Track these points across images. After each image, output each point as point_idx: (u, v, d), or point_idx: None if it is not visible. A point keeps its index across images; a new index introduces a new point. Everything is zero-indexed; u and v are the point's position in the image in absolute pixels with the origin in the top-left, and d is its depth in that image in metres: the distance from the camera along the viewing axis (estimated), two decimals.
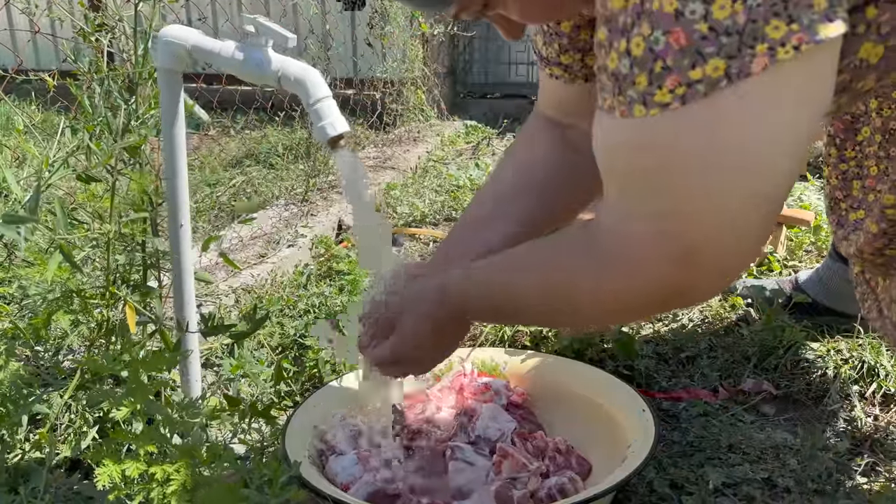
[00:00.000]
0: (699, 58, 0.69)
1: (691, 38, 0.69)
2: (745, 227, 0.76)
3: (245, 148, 3.59)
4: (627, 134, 0.77)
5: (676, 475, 1.30)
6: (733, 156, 0.73)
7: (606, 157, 0.82)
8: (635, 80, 0.73)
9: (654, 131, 0.74)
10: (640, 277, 0.81)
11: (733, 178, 0.73)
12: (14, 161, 1.98)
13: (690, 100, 0.71)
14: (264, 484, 0.97)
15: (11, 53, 2.54)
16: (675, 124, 0.73)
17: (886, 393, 1.50)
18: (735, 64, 0.69)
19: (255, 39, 1.07)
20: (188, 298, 1.29)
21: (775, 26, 0.68)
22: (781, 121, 0.72)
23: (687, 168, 0.74)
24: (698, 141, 0.73)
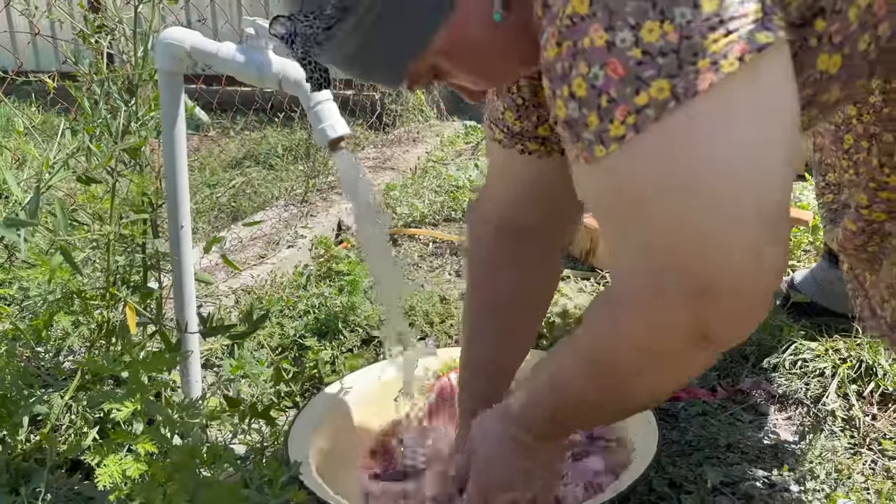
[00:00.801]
0: (641, 83, 0.69)
1: (627, 65, 0.69)
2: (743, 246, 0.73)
3: (245, 149, 3.59)
4: (596, 178, 0.77)
5: (675, 474, 1.30)
6: (700, 177, 0.71)
7: (591, 207, 0.82)
8: (587, 122, 0.73)
9: (617, 169, 0.74)
10: (658, 319, 0.78)
11: (706, 200, 0.71)
12: (14, 163, 1.99)
13: (643, 127, 0.70)
14: (264, 484, 0.97)
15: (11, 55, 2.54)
16: (635, 156, 0.72)
17: (884, 392, 1.50)
18: (679, 82, 0.68)
19: (256, 41, 1.07)
20: (188, 299, 1.29)
21: (714, 40, 0.68)
22: (744, 134, 0.71)
23: (657, 198, 0.73)
24: (661, 167, 0.72)
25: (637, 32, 0.69)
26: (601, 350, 0.88)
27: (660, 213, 0.74)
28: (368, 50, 0.86)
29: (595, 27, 0.70)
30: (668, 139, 0.70)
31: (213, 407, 1.26)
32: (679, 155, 0.71)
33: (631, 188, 0.74)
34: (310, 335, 1.77)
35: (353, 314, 1.82)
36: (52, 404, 1.14)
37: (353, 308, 1.83)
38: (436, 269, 2.24)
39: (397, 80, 0.91)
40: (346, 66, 0.90)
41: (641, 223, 0.75)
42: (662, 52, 0.68)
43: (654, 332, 0.80)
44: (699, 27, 0.68)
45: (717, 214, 0.72)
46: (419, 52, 0.87)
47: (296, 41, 0.88)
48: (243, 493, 0.94)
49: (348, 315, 1.82)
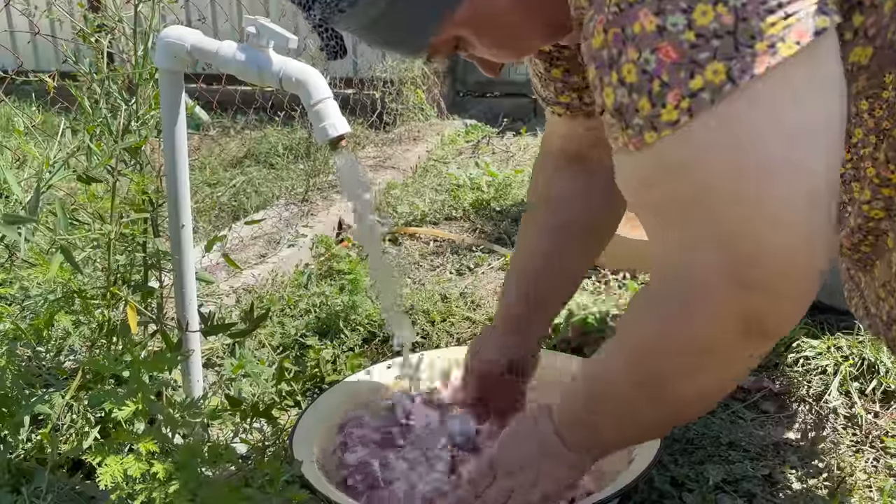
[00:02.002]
0: (695, 66, 0.68)
1: (681, 49, 0.68)
2: (802, 231, 0.72)
3: (245, 148, 3.59)
4: (647, 165, 0.75)
5: (677, 472, 1.30)
6: (760, 160, 0.69)
7: (635, 196, 0.80)
8: (637, 107, 0.71)
9: (672, 153, 0.72)
10: (712, 311, 0.76)
11: (767, 183, 0.70)
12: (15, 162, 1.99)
13: (698, 111, 0.69)
14: (266, 483, 0.97)
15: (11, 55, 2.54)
16: (690, 140, 0.70)
17: (887, 390, 1.50)
18: (736, 65, 0.67)
19: (256, 40, 1.07)
20: (189, 299, 1.29)
21: (772, 23, 0.67)
22: (799, 116, 0.69)
23: (716, 184, 0.71)
24: (719, 152, 0.70)
25: (689, 16, 0.67)
26: (649, 351, 0.85)
27: (712, 203, 0.72)
28: (392, 17, 0.85)
29: (644, 12, 0.69)
30: (723, 124, 0.69)
31: (214, 406, 1.26)
32: (735, 140, 0.69)
33: (681, 175, 0.73)
34: (311, 334, 1.76)
35: (355, 313, 1.82)
36: (54, 404, 1.13)
37: (354, 307, 1.83)
38: (437, 268, 2.24)
39: (419, 49, 0.90)
40: (367, 34, 0.89)
41: (700, 210, 0.73)
42: (717, 34, 0.67)
43: (707, 327, 0.78)
44: (756, 9, 0.66)
45: (773, 203, 0.70)
46: (443, 21, 0.85)
47: (314, 7, 0.86)
48: (245, 493, 0.94)
49: (349, 314, 1.82)
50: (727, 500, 1.25)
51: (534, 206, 1.33)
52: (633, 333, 0.87)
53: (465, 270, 2.22)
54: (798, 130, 0.69)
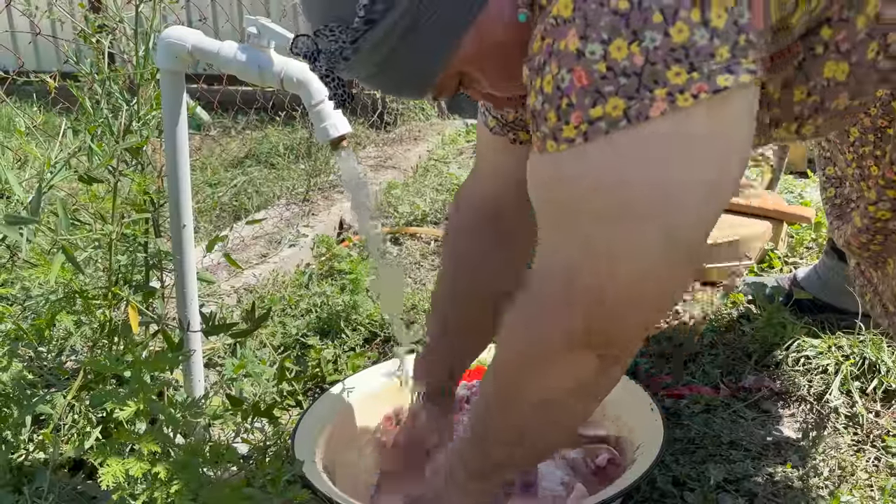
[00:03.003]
0: (599, 97, 0.72)
1: (592, 77, 0.72)
2: (648, 272, 0.78)
3: (246, 148, 3.59)
4: (542, 168, 0.81)
5: (679, 472, 1.30)
6: (633, 197, 0.75)
7: (532, 191, 0.85)
8: (546, 116, 0.76)
9: (561, 166, 0.78)
10: (545, 316, 0.83)
11: (632, 219, 0.76)
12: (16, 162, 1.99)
13: (592, 137, 0.73)
14: (267, 483, 0.97)
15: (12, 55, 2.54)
16: (579, 160, 0.76)
17: (888, 389, 1.50)
18: (634, 105, 0.71)
19: (257, 41, 1.07)
20: (191, 298, 1.29)
21: (676, 72, 0.71)
22: (684, 166, 0.74)
23: (588, 205, 0.77)
24: (598, 178, 0.76)
25: (606, 48, 0.72)
26: (502, 351, 0.93)
27: (586, 218, 0.78)
28: (396, 62, 0.87)
29: (572, 32, 0.73)
30: (614, 154, 0.74)
31: (215, 406, 1.26)
32: (621, 172, 0.75)
33: (564, 187, 0.79)
34: (312, 334, 1.77)
35: (356, 313, 1.82)
36: (55, 404, 1.13)
37: (355, 307, 1.83)
38: (437, 268, 2.24)
39: (424, 90, 0.91)
40: (372, 82, 0.91)
41: (567, 222, 0.80)
42: (626, 72, 0.71)
43: (542, 329, 0.85)
44: (665, 56, 0.70)
45: (626, 240, 0.77)
46: (447, 61, 0.87)
47: (319, 59, 0.88)
48: (246, 493, 0.94)
49: (350, 314, 1.82)
50: (728, 499, 1.25)
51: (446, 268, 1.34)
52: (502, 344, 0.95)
53: None
54: (672, 179, 0.75)
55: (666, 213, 0.75)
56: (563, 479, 1.22)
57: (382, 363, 1.50)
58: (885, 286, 1.21)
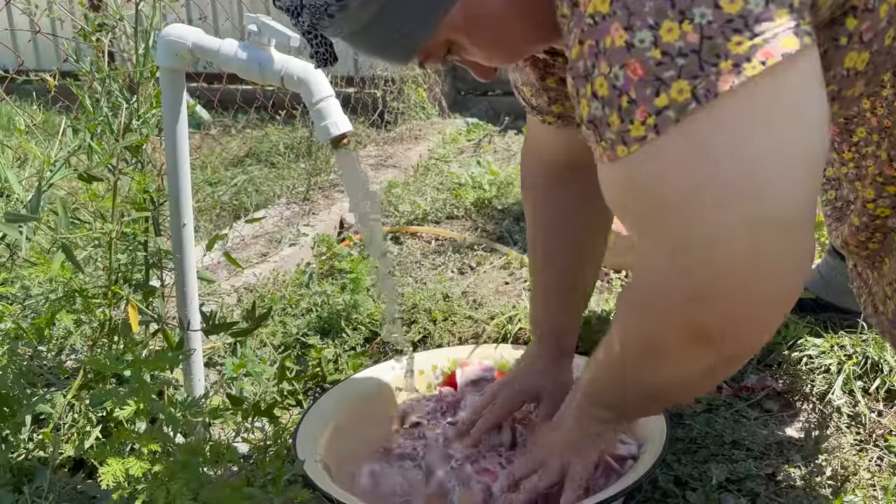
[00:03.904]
0: (661, 84, 0.69)
1: (647, 66, 0.69)
2: (760, 256, 0.72)
3: (246, 147, 3.59)
4: (619, 177, 0.77)
5: (681, 471, 1.30)
6: (721, 182, 0.70)
7: (613, 205, 0.82)
8: (609, 121, 0.73)
9: (640, 168, 0.73)
10: (660, 319, 0.80)
11: (720, 205, 0.71)
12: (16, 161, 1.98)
13: (664, 128, 0.70)
14: (268, 483, 0.97)
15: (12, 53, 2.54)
16: (656, 157, 0.72)
17: (890, 389, 1.50)
18: (700, 84, 0.67)
19: (258, 38, 1.07)
20: (191, 298, 1.29)
21: (738, 42, 0.67)
22: (766, 138, 0.70)
23: (677, 200, 0.73)
24: (681, 171, 0.71)
25: (656, 32, 0.68)
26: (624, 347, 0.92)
27: (680, 215, 0.73)
28: (383, 21, 0.84)
29: (615, 27, 0.69)
30: (687, 142, 0.70)
31: (215, 405, 1.26)
32: (702, 158, 0.70)
33: (647, 189, 0.74)
34: (312, 333, 1.76)
35: (356, 312, 1.82)
36: (55, 403, 1.13)
37: (355, 306, 1.83)
38: (438, 267, 2.24)
39: (410, 54, 0.89)
40: (357, 41, 0.88)
41: (662, 224, 0.75)
42: (682, 52, 0.67)
43: (656, 333, 0.82)
44: (721, 28, 0.66)
45: (722, 224, 0.71)
46: (435, 24, 0.85)
47: (303, 13, 0.85)
48: (247, 492, 0.93)
49: (351, 313, 1.82)
50: (731, 499, 1.24)
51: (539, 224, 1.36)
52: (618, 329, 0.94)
53: (467, 269, 2.22)
54: (757, 154, 0.70)
55: (757, 190, 0.70)
56: None
57: (383, 362, 1.50)
58: (878, 287, 1.21)
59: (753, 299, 0.76)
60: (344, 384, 1.42)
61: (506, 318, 1.77)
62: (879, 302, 1.20)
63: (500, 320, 1.77)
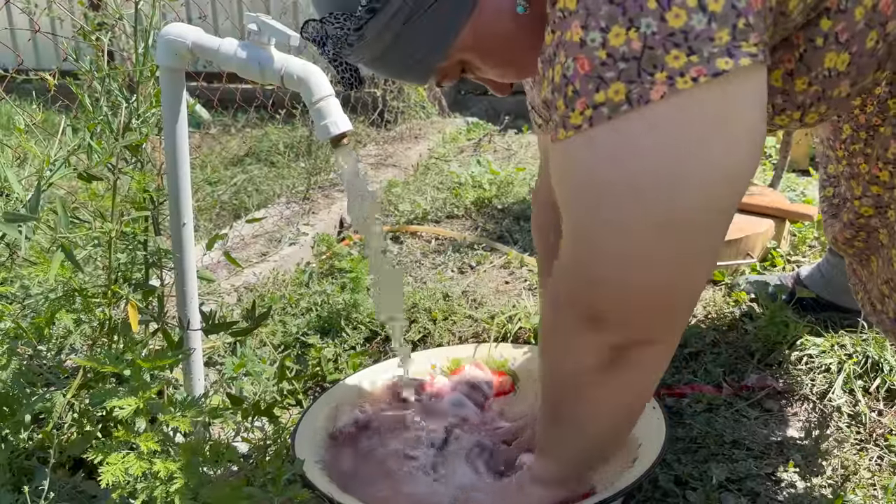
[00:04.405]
0: (601, 82, 0.75)
1: (593, 63, 0.75)
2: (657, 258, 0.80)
3: (246, 146, 3.59)
4: (556, 157, 0.84)
5: (681, 471, 1.30)
6: (637, 179, 0.77)
7: (553, 183, 0.88)
8: (556, 105, 0.79)
9: (571, 153, 0.80)
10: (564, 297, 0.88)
11: (629, 203, 0.78)
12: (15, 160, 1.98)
13: (597, 122, 0.76)
14: (267, 482, 0.97)
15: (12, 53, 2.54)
16: (585, 146, 0.78)
17: (891, 388, 1.50)
18: (635, 89, 0.73)
19: (258, 38, 1.07)
20: (190, 297, 1.29)
21: (675, 56, 0.72)
22: (687, 148, 0.75)
23: (590, 188, 0.80)
24: (603, 161, 0.78)
25: (605, 35, 0.74)
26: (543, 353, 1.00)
27: (583, 202, 0.82)
28: (398, 48, 0.90)
29: (576, 23, 0.76)
30: (617, 138, 0.77)
31: (215, 405, 1.26)
32: (618, 155, 0.77)
33: (573, 172, 0.82)
34: (312, 333, 1.76)
35: (356, 312, 1.82)
36: (55, 402, 1.13)
37: (355, 305, 1.83)
38: (438, 266, 2.24)
39: (427, 77, 0.95)
40: (377, 66, 0.94)
41: (572, 205, 0.84)
42: (625, 57, 0.74)
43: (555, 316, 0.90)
44: (663, 40, 0.72)
45: (625, 222, 0.79)
46: (447, 49, 0.90)
47: (327, 43, 0.92)
48: (246, 491, 0.93)
49: (351, 312, 1.82)
50: (731, 498, 1.24)
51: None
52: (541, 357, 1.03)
53: (467, 269, 2.22)
54: (678, 161, 0.76)
55: (670, 195, 0.77)
56: None
57: (383, 362, 1.50)
58: (871, 284, 1.21)
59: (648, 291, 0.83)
60: (343, 384, 1.42)
61: (506, 317, 1.77)
62: (877, 301, 1.20)
63: (500, 319, 1.76)
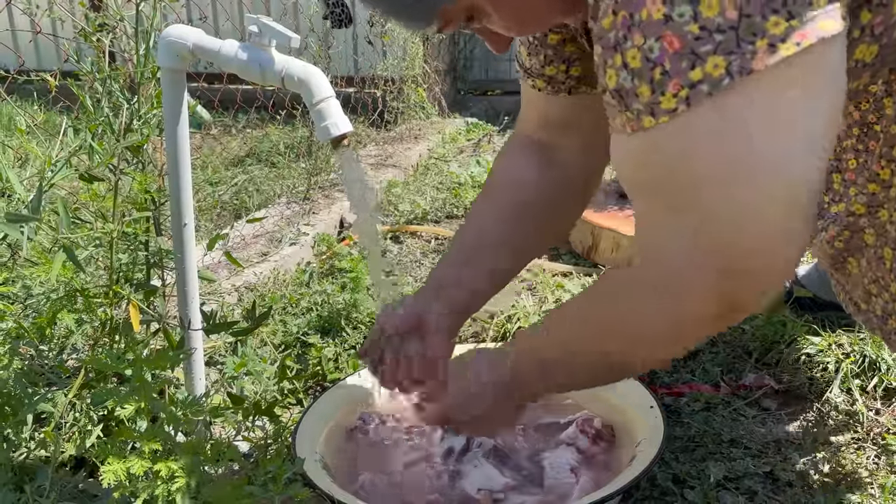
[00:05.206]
0: (697, 58, 0.69)
1: (684, 40, 0.69)
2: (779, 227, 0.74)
3: (247, 147, 3.59)
4: (642, 148, 0.76)
5: (679, 469, 1.30)
6: (748, 156, 0.71)
7: (629, 177, 0.82)
8: (638, 92, 0.73)
9: (667, 140, 0.74)
10: (688, 297, 0.79)
11: (751, 179, 0.72)
12: (17, 161, 1.99)
13: (696, 102, 0.70)
14: (268, 481, 0.97)
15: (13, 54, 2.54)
16: (686, 129, 0.72)
17: (888, 387, 1.50)
18: (735, 60, 0.68)
19: (258, 39, 1.07)
20: (191, 297, 1.29)
21: (775, 22, 0.67)
22: (792, 118, 0.71)
23: (703, 174, 0.73)
24: (711, 143, 0.72)
25: (696, 7, 0.68)
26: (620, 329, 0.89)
27: (697, 191, 0.74)
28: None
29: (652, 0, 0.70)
30: (718, 116, 0.70)
31: (216, 404, 1.26)
32: (732, 133, 0.71)
33: (673, 162, 0.74)
34: (313, 332, 1.77)
35: (356, 311, 1.82)
36: (56, 402, 1.14)
37: (355, 305, 1.83)
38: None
39: (430, 17, 0.89)
40: (375, 1, 0.89)
41: (687, 199, 0.75)
42: (720, 28, 0.68)
43: (681, 308, 0.81)
44: (760, 7, 0.67)
45: (754, 198, 0.72)
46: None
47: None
48: (247, 490, 0.94)
49: (351, 312, 1.82)
50: (729, 497, 1.25)
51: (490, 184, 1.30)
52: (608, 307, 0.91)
53: None
54: (787, 130, 0.71)
55: (783, 168, 0.71)
56: (572, 465, 1.22)
57: None
58: (851, 286, 1.20)
59: (774, 269, 0.77)
60: (343, 383, 1.43)
61: (505, 317, 1.77)
62: (861, 300, 1.20)
63: (499, 319, 1.77)
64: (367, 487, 1.21)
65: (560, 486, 1.19)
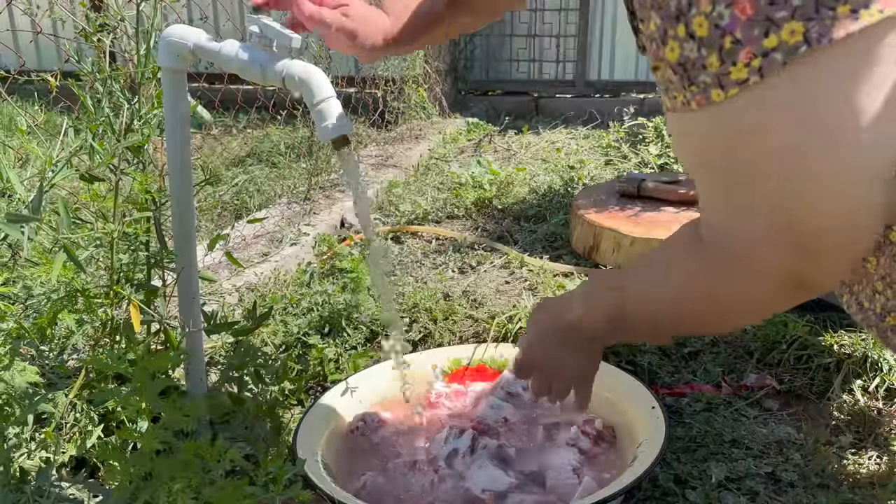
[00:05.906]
0: (771, 24, 0.65)
1: (758, 5, 0.65)
2: (856, 203, 0.70)
3: (247, 147, 3.60)
4: (711, 124, 0.72)
5: (680, 470, 1.30)
6: (824, 130, 0.67)
7: (694, 155, 0.78)
8: (706, 63, 0.68)
9: (739, 114, 0.70)
10: (761, 276, 0.77)
11: (828, 153, 0.68)
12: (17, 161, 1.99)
13: (769, 72, 0.66)
14: (269, 482, 0.97)
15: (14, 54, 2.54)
16: (759, 102, 0.68)
17: (890, 387, 1.50)
18: (814, 27, 0.64)
19: (259, 39, 1.07)
20: (192, 297, 1.29)
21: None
22: (871, 89, 0.66)
23: (778, 149, 0.69)
24: (784, 117, 0.67)
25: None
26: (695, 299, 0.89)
27: (771, 167, 0.70)
28: None
29: None
30: (793, 87, 0.66)
31: (217, 404, 1.26)
32: (802, 106, 0.67)
33: (746, 137, 0.71)
34: (313, 333, 1.77)
35: (357, 312, 1.82)
36: (57, 403, 1.14)
37: (356, 305, 1.83)
38: (439, 266, 2.24)
39: None
40: None
41: (760, 175, 0.72)
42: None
43: (759, 293, 0.80)
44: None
45: (830, 173, 0.69)
46: None
47: None
48: (248, 491, 0.94)
49: (352, 312, 1.82)
50: (730, 497, 1.25)
51: None
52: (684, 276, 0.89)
53: (468, 269, 2.22)
54: (867, 104, 0.66)
55: (863, 139, 0.67)
56: (574, 465, 1.22)
57: (384, 362, 1.50)
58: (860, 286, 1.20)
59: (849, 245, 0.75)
60: (344, 384, 1.43)
61: (506, 317, 1.77)
62: (865, 299, 1.20)
63: (500, 320, 1.77)
64: (369, 488, 1.21)
65: (562, 486, 1.19)
